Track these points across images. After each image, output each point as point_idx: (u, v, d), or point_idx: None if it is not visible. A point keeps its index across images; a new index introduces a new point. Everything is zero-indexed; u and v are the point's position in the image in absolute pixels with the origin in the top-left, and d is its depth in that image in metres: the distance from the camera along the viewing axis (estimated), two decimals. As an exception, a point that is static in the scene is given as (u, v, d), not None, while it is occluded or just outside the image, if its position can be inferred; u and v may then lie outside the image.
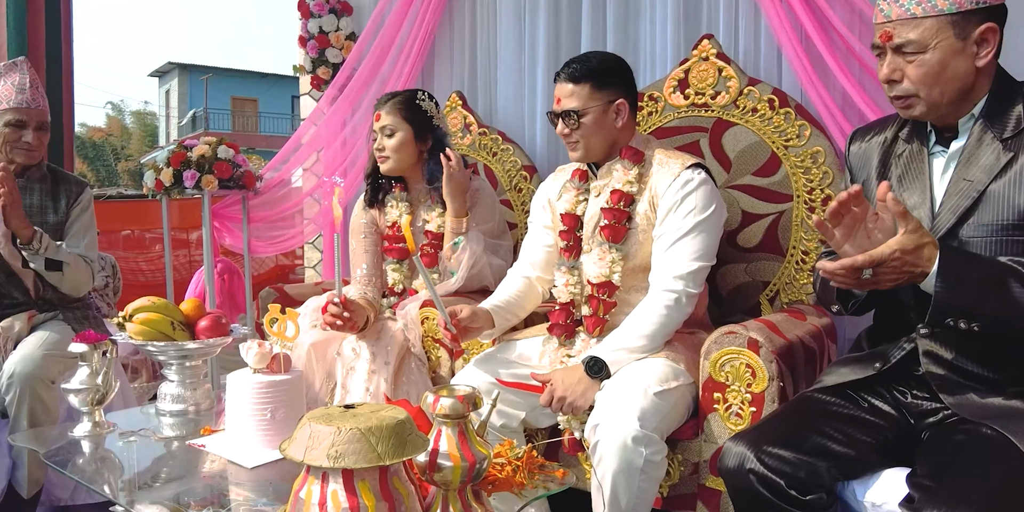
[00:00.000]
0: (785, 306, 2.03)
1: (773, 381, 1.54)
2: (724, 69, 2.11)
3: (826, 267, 1.19)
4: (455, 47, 2.89)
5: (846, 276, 1.18)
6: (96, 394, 1.62)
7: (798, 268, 2.02)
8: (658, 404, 1.49)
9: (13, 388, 1.88)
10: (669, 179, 1.70)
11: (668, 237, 1.67)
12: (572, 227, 1.81)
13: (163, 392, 1.80)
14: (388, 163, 2.19)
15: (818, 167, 1.98)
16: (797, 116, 2.01)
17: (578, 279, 1.78)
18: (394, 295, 2.26)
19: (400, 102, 2.18)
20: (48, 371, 1.91)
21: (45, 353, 1.93)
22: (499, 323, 1.81)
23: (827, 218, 1.20)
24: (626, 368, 1.59)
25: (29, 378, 1.87)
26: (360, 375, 1.96)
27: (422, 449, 1.02)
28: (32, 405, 1.88)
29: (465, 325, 1.69)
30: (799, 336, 1.70)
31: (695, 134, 2.14)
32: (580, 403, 1.56)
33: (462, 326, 1.69)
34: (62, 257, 2.08)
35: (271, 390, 1.49)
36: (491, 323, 1.78)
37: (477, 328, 1.73)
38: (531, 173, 2.54)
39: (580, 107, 1.69)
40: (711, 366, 1.59)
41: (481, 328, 1.75)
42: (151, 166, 3.14)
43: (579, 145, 1.73)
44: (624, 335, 1.62)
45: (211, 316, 1.81)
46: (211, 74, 23.18)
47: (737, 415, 1.58)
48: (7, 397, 1.89)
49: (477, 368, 1.75)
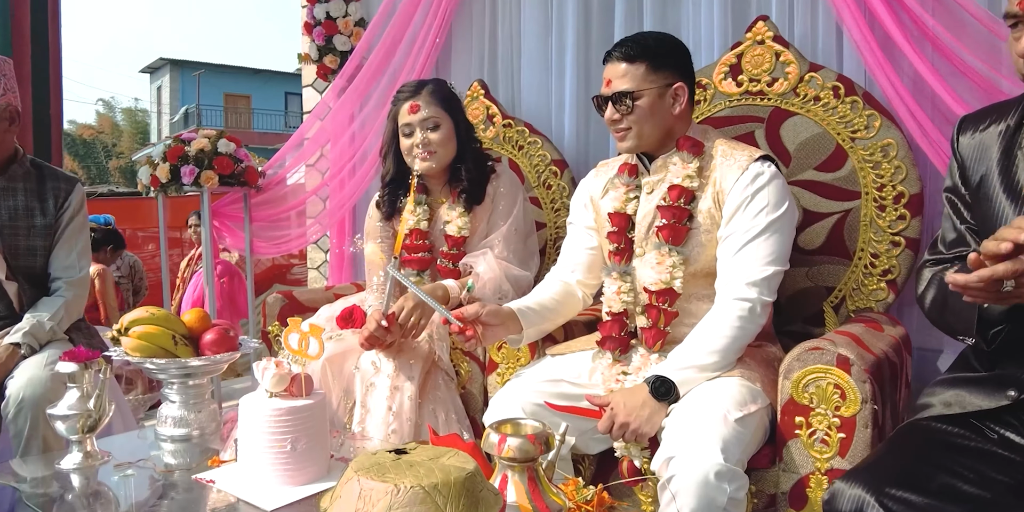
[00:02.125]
0: (852, 315, 1.84)
1: (866, 404, 1.35)
2: (782, 53, 1.91)
3: (957, 280, 1.00)
4: (474, 32, 2.68)
5: (984, 289, 0.98)
6: (88, 420, 1.42)
7: (866, 272, 1.83)
8: (740, 433, 1.30)
9: (24, 414, 1.68)
10: (736, 173, 1.50)
11: (737, 238, 1.48)
12: (623, 228, 1.61)
13: (163, 415, 1.60)
14: (433, 160, 1.96)
15: (889, 161, 1.79)
16: (866, 105, 1.81)
17: (631, 286, 1.59)
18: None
19: (437, 91, 1.96)
20: (57, 393, 1.70)
21: (51, 373, 1.72)
22: (528, 327, 1.60)
23: (989, 258, 0.96)
24: (696, 390, 1.40)
25: (41, 402, 1.66)
26: (381, 392, 1.76)
27: (496, 507, 0.82)
28: (46, 432, 1.67)
29: (484, 321, 1.49)
30: (884, 350, 1.51)
31: (749, 124, 1.94)
32: (646, 430, 1.36)
33: (476, 320, 1.48)
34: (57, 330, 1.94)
35: (291, 418, 1.29)
36: (517, 325, 1.58)
37: (498, 325, 1.53)
38: (561, 168, 2.34)
39: (635, 88, 1.49)
40: (793, 387, 1.40)
41: (503, 326, 1.54)
42: (146, 161, 2.93)
43: (630, 133, 1.53)
44: (692, 351, 1.42)
45: (217, 329, 1.60)
46: (203, 70, 22.88)
47: (823, 442, 1.38)
48: (15, 424, 1.69)
49: (518, 388, 1.55)
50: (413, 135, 1.96)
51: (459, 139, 1.98)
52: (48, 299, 1.97)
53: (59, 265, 2.01)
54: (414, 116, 1.94)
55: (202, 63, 23.34)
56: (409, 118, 1.95)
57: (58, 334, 1.95)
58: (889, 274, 1.80)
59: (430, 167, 1.97)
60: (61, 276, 2.00)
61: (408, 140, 1.97)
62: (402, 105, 1.97)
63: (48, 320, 1.91)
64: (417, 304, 1.79)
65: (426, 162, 1.96)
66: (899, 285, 1.80)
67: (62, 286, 2.00)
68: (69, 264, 2.03)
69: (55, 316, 1.93)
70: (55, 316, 1.93)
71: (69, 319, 2.00)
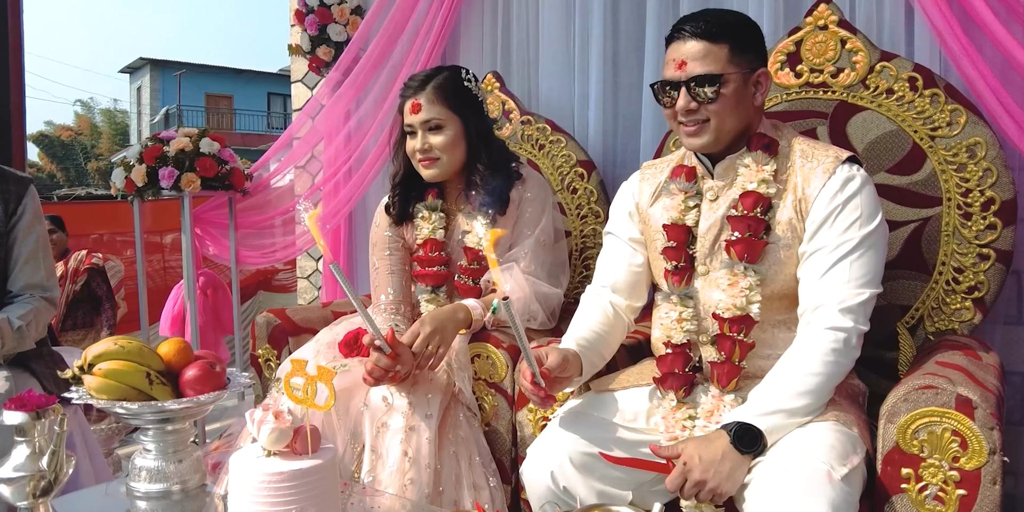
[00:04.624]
0: (931, 337, 1.61)
1: (994, 455, 1.12)
2: (848, 40, 1.68)
3: None
4: (486, 20, 2.42)
5: None
6: (41, 482, 1.15)
7: (948, 289, 1.60)
8: (848, 494, 1.07)
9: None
10: (822, 178, 1.27)
11: (826, 256, 1.24)
12: (681, 242, 1.36)
13: (137, 466, 1.32)
14: (436, 167, 1.72)
15: (976, 163, 1.56)
16: (948, 98, 1.59)
17: (694, 312, 1.34)
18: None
19: (444, 86, 1.71)
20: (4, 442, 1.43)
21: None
22: (587, 369, 1.37)
23: None
24: (785, 439, 1.16)
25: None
26: (395, 434, 1.50)
27: None
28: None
29: (555, 375, 1.25)
30: (996, 386, 1.27)
31: (811, 120, 1.71)
32: (726, 489, 1.12)
33: (551, 376, 1.25)
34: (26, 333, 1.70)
35: (296, 483, 1.03)
36: (579, 368, 1.34)
37: (567, 378, 1.29)
38: (588, 170, 2.09)
39: (721, 71, 1.25)
40: (899, 433, 1.16)
41: (571, 377, 1.31)
42: (121, 163, 2.65)
43: (707, 126, 1.28)
44: (778, 392, 1.18)
45: (201, 363, 1.33)
46: (184, 70, 22.44)
47: (938, 499, 1.15)
48: None
49: (563, 434, 1.30)
50: (416, 137, 1.72)
51: (469, 141, 1.73)
52: (15, 303, 1.73)
53: (26, 282, 1.75)
54: (415, 117, 1.70)
55: (183, 63, 22.91)
56: (411, 118, 1.71)
57: (25, 343, 1.70)
58: (976, 291, 1.57)
59: (434, 175, 1.74)
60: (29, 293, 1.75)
61: (411, 142, 1.73)
62: (405, 102, 1.72)
63: (17, 319, 1.66)
64: (435, 329, 1.54)
65: (429, 170, 1.73)
66: (987, 304, 1.58)
67: (31, 296, 1.75)
68: (37, 282, 1.77)
69: (25, 317, 1.69)
70: (25, 317, 1.69)
71: (37, 331, 1.74)
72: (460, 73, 1.76)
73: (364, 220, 2.75)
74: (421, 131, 1.70)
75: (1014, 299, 1.72)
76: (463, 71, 1.76)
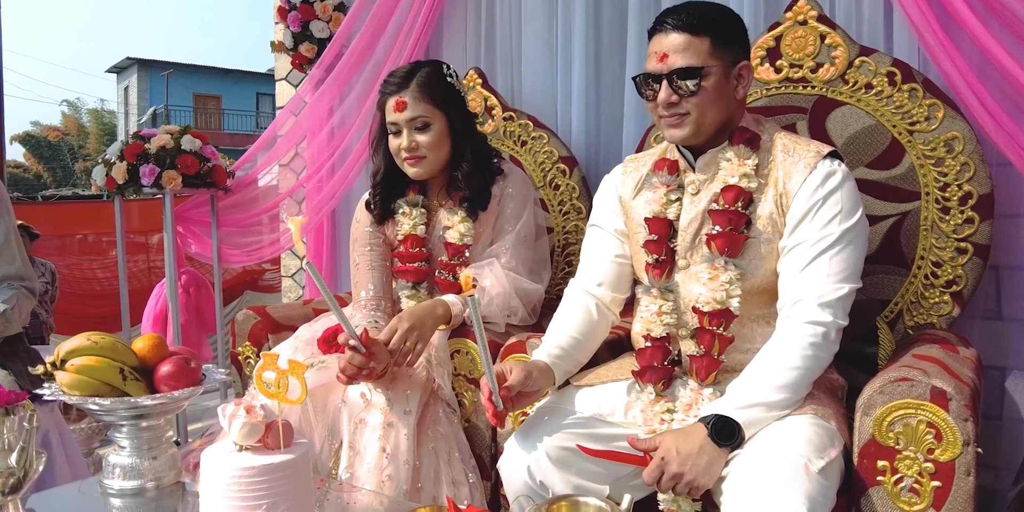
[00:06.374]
0: (911, 331, 1.62)
1: (968, 447, 1.12)
2: (828, 35, 1.68)
3: None
4: (468, 16, 2.42)
5: None
6: (9, 480, 1.13)
7: (927, 283, 1.60)
8: (825, 487, 1.06)
9: None
10: (803, 172, 1.26)
11: (805, 250, 1.24)
12: (663, 235, 1.36)
13: (112, 464, 1.32)
14: (423, 166, 1.70)
15: (954, 157, 1.57)
16: (926, 93, 1.59)
17: (674, 305, 1.34)
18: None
19: (428, 83, 1.68)
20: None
21: None
22: (559, 378, 1.36)
23: None
24: (762, 432, 1.15)
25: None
26: (373, 430, 1.49)
27: None
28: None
29: (520, 390, 1.25)
30: (972, 379, 1.27)
31: (791, 115, 1.71)
32: (703, 482, 1.12)
33: (510, 394, 1.24)
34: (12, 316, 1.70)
35: (267, 478, 1.02)
36: (551, 380, 1.33)
37: (534, 392, 1.29)
38: (571, 166, 2.09)
39: (702, 64, 1.24)
40: (875, 425, 1.16)
41: (538, 392, 1.31)
42: (102, 160, 2.63)
43: (688, 119, 1.27)
44: (756, 385, 1.18)
45: (175, 359, 1.33)
46: (172, 70, 22.30)
47: (913, 491, 1.15)
48: None
49: (541, 428, 1.29)
50: (400, 135, 1.70)
51: (453, 138, 1.72)
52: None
53: (3, 274, 1.75)
54: (400, 115, 1.68)
55: (171, 63, 22.77)
56: (395, 117, 1.69)
57: (12, 327, 1.70)
58: (954, 285, 1.58)
59: (419, 173, 1.72)
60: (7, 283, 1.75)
61: (395, 140, 1.71)
62: (388, 99, 1.70)
63: (2, 303, 1.66)
64: (413, 325, 1.53)
65: (414, 168, 1.71)
66: (965, 297, 1.58)
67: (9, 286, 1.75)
68: (14, 273, 1.76)
69: (8, 301, 1.68)
70: (8, 301, 1.68)
71: (21, 317, 1.74)
72: (442, 68, 1.75)
73: (347, 217, 2.73)
74: (407, 129, 1.68)
75: (993, 294, 1.72)
76: (444, 66, 1.75)
